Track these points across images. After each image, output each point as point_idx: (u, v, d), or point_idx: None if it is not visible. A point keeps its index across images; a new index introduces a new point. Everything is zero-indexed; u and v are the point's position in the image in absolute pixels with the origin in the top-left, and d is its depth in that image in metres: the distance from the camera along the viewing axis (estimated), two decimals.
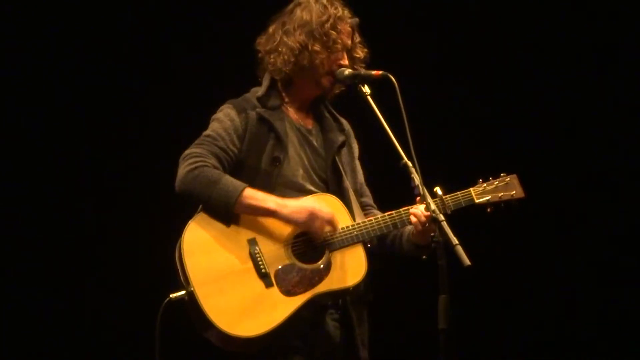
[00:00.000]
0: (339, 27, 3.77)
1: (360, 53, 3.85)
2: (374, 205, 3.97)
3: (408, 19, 5.66)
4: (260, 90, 3.82)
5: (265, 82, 3.84)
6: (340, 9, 3.80)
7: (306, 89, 3.84)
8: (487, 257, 4.23)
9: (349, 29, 3.82)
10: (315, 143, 3.84)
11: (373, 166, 4.07)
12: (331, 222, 3.62)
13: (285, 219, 3.60)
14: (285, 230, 3.63)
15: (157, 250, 3.86)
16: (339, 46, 3.76)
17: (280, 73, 3.79)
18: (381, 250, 3.83)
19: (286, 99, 3.84)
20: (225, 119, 3.72)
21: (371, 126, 3.57)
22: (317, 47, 3.74)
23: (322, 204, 3.63)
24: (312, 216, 3.59)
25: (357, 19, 3.85)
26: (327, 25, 3.75)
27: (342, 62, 3.78)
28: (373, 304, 3.78)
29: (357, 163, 3.98)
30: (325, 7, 3.79)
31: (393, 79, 3.55)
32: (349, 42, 3.81)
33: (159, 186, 4.00)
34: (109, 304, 5.33)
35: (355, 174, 3.93)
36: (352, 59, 3.83)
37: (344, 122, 3.97)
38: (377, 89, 3.65)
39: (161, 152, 4.83)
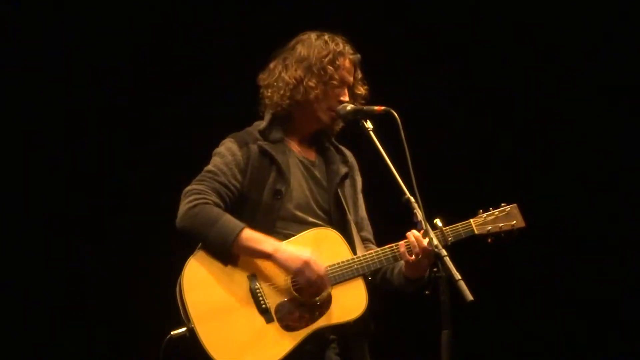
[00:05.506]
0: (338, 63, 3.76)
1: (361, 90, 3.83)
2: (373, 241, 3.92)
3: (408, 52, 5.65)
4: (262, 124, 3.81)
5: (267, 115, 3.82)
6: (341, 44, 3.79)
7: (306, 123, 3.83)
8: (490, 291, 4.19)
9: (350, 65, 3.80)
10: (318, 175, 3.83)
11: (375, 200, 4.03)
12: (318, 280, 3.56)
13: (279, 263, 3.58)
14: None
15: (159, 286, 3.84)
16: (336, 82, 3.75)
17: (276, 107, 3.79)
18: (374, 286, 3.77)
19: (288, 132, 3.83)
20: (226, 153, 3.71)
21: (374, 161, 3.55)
22: (312, 83, 3.73)
23: (318, 256, 3.58)
24: (305, 267, 3.55)
25: (359, 56, 3.83)
26: (326, 60, 3.74)
27: (342, 97, 3.76)
28: (376, 340, 3.75)
29: (360, 196, 3.95)
30: (326, 42, 3.78)
31: (395, 115, 3.51)
32: (350, 78, 3.79)
33: (160, 221, 3.97)
34: (111, 342, 5.28)
35: (357, 208, 3.91)
36: (353, 95, 3.80)
37: (348, 153, 3.95)
38: (380, 124, 3.64)
39: (162, 186, 4.83)
